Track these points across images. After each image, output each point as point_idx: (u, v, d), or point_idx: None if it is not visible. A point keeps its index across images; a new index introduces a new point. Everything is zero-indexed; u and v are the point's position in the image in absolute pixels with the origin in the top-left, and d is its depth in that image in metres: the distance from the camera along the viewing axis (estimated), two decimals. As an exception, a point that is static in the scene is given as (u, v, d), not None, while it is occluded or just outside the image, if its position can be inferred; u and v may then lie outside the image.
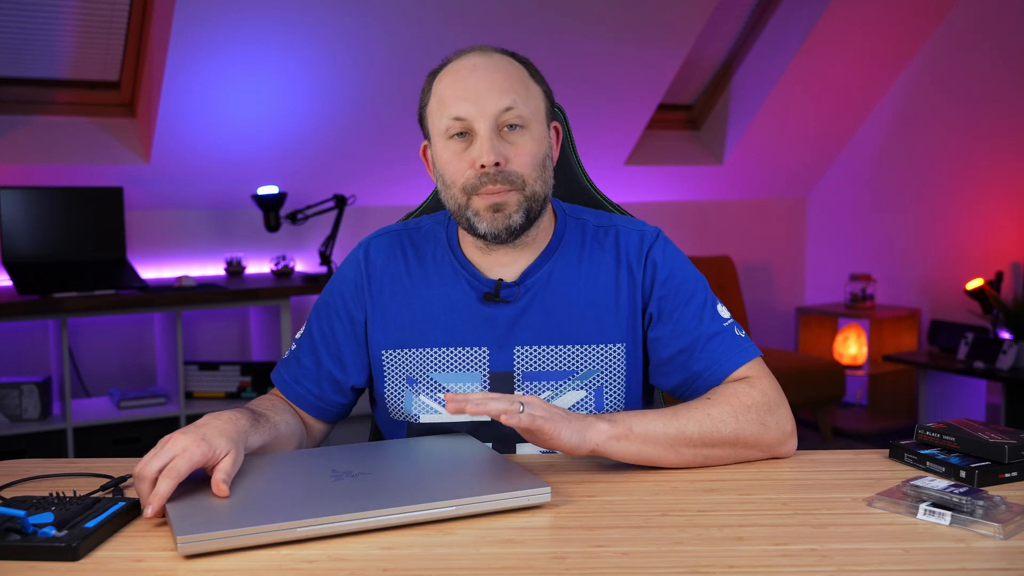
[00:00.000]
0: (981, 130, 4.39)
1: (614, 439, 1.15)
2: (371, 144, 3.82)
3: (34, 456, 3.11)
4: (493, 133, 1.24)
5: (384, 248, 1.38)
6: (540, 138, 1.28)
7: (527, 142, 1.26)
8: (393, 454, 1.22)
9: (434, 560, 0.92)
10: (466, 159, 1.25)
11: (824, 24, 4.18)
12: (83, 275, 3.29)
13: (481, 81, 1.25)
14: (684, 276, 1.33)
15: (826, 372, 4.20)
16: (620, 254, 1.34)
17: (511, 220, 1.25)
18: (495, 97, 1.24)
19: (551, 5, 3.60)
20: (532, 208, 1.27)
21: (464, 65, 1.27)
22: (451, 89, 1.26)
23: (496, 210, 1.25)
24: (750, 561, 0.91)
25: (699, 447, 1.19)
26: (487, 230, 1.26)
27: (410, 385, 1.33)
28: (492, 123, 1.24)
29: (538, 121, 1.28)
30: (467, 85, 1.25)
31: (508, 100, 1.24)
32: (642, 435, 1.16)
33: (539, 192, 1.27)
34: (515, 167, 1.25)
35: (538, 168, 1.27)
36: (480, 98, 1.24)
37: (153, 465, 1.03)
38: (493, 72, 1.26)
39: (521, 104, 1.25)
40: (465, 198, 1.26)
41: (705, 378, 1.29)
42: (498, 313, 1.31)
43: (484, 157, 1.23)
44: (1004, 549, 0.94)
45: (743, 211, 5.04)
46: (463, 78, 1.26)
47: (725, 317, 1.32)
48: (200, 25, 3.15)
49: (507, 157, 1.24)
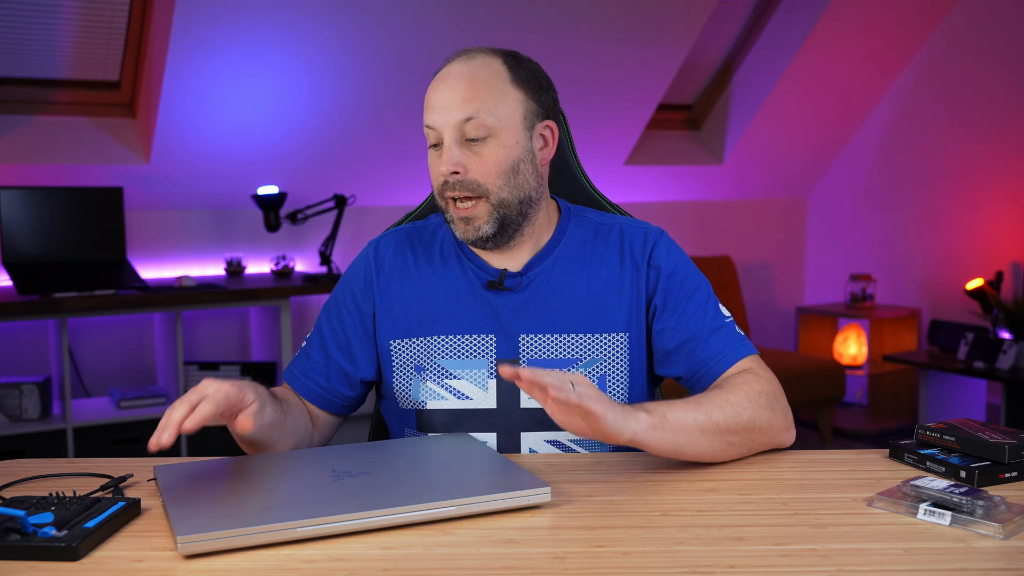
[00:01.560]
0: (981, 130, 4.39)
1: (651, 428, 1.14)
2: (371, 144, 3.82)
3: (34, 456, 3.11)
4: (455, 143, 1.28)
5: (393, 244, 1.42)
6: (511, 144, 1.29)
7: (492, 150, 1.28)
8: (393, 454, 1.22)
9: (434, 560, 0.92)
10: (437, 166, 1.31)
11: (824, 24, 4.18)
12: (83, 275, 3.29)
13: (447, 91, 1.29)
14: (688, 271, 1.37)
15: (826, 372, 4.20)
16: (624, 250, 1.38)
17: (480, 231, 1.30)
18: (456, 108, 1.28)
19: (551, 5, 3.60)
20: (505, 215, 1.30)
21: (441, 75, 1.32)
22: (428, 97, 1.32)
23: (466, 223, 1.30)
24: (750, 561, 0.91)
25: (724, 434, 1.20)
26: (461, 236, 1.32)
27: (418, 373, 1.36)
28: (454, 133, 1.28)
29: (510, 127, 1.29)
30: (436, 95, 1.30)
31: (470, 110, 1.27)
32: (675, 424, 1.16)
33: (508, 198, 1.30)
34: (475, 175, 1.28)
35: (505, 175, 1.29)
36: (444, 108, 1.28)
37: (191, 396, 1.09)
38: (461, 82, 1.29)
39: (486, 113, 1.27)
40: (443, 203, 1.32)
41: (710, 367, 1.31)
42: (503, 302, 1.35)
43: (443, 166, 1.29)
44: (1004, 549, 0.94)
45: (743, 211, 5.04)
46: (436, 88, 1.31)
47: (726, 315, 1.36)
48: (200, 25, 3.15)
49: (468, 167, 1.28)
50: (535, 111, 1.32)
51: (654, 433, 1.14)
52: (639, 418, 1.13)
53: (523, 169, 1.30)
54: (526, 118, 1.31)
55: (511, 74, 1.31)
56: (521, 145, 1.30)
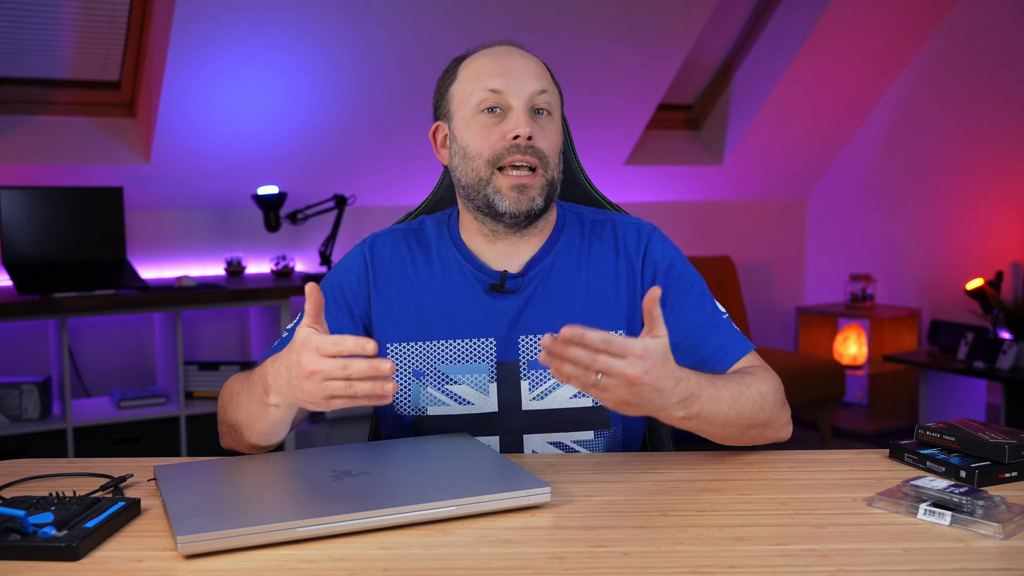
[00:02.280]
0: (981, 130, 4.39)
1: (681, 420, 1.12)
2: (371, 144, 3.82)
3: (34, 456, 3.11)
4: (527, 109, 1.31)
5: (389, 244, 1.40)
6: (560, 129, 1.36)
7: (553, 128, 1.33)
8: (393, 454, 1.22)
9: (434, 560, 0.92)
10: (496, 132, 1.30)
11: (824, 24, 4.18)
12: (83, 275, 3.29)
13: (518, 62, 1.33)
14: (683, 267, 1.38)
15: (826, 372, 4.20)
16: (618, 245, 1.38)
17: (534, 203, 1.31)
18: (532, 78, 1.31)
19: (551, 5, 3.60)
20: (551, 194, 1.33)
21: (500, 49, 1.35)
22: (488, 66, 1.33)
23: (520, 191, 1.29)
24: (750, 561, 0.91)
25: (743, 428, 1.20)
26: (508, 208, 1.30)
27: (416, 378, 1.35)
28: (527, 101, 1.31)
29: (558, 113, 1.36)
30: (505, 64, 1.32)
31: (543, 84, 1.32)
32: (709, 417, 1.15)
33: (556, 178, 1.34)
34: (543, 146, 1.31)
35: (558, 155, 1.34)
36: (518, 76, 1.31)
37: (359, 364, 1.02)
38: (526, 59, 1.34)
39: (551, 92, 1.34)
40: (489, 172, 1.30)
41: (713, 364, 1.31)
42: (503, 304, 1.35)
43: (520, 128, 1.28)
44: (1004, 549, 0.94)
45: (743, 211, 5.04)
46: (501, 58, 1.33)
47: (723, 311, 1.37)
48: (200, 25, 3.15)
49: (537, 135, 1.30)
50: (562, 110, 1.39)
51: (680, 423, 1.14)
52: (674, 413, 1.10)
53: (562, 158, 1.36)
54: (562, 110, 1.39)
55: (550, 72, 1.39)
56: (562, 133, 1.37)
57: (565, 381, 1.02)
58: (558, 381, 1.32)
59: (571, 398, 1.33)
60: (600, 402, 1.06)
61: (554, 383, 1.33)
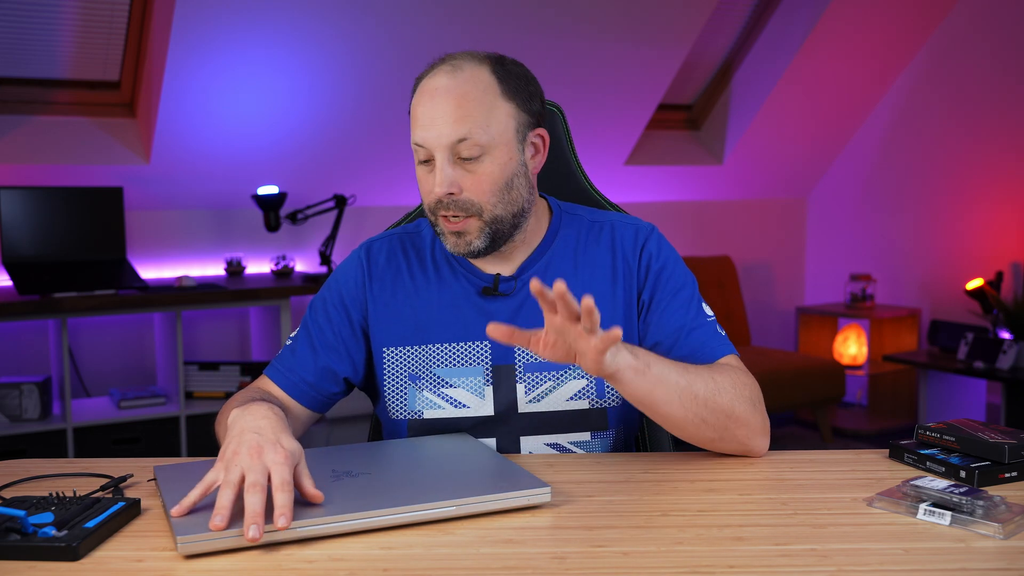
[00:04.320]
0: (981, 130, 4.39)
1: (632, 370, 1.14)
2: (371, 144, 3.82)
3: (34, 456, 3.11)
4: (447, 163, 1.25)
5: (385, 248, 1.40)
6: (504, 161, 1.27)
7: (485, 169, 1.26)
8: (393, 454, 1.22)
9: (434, 560, 0.92)
10: (429, 182, 1.29)
11: (824, 24, 4.18)
12: (83, 275, 3.29)
13: (438, 107, 1.25)
14: (676, 269, 1.37)
15: (826, 372, 4.20)
16: (616, 247, 1.37)
17: (471, 246, 1.29)
18: (449, 128, 1.24)
19: (551, 5, 3.60)
20: (497, 231, 1.29)
21: (429, 87, 1.27)
22: (417, 111, 1.28)
23: (457, 236, 1.28)
24: (750, 561, 0.91)
25: (701, 407, 1.19)
26: (451, 250, 1.31)
27: (412, 382, 1.35)
28: (447, 153, 1.25)
29: (503, 143, 1.26)
30: (427, 110, 1.26)
31: (463, 130, 1.24)
32: (657, 376, 1.16)
33: (503, 214, 1.28)
34: (470, 195, 1.26)
35: (499, 192, 1.27)
36: (435, 126, 1.25)
37: (255, 479, 0.98)
38: (451, 98, 1.24)
39: (479, 131, 1.24)
40: (433, 217, 1.30)
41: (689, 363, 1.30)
42: (498, 307, 1.34)
43: (437, 187, 1.26)
44: (1004, 549, 0.94)
45: (743, 211, 5.04)
46: (425, 102, 1.26)
47: (709, 315, 1.36)
48: (200, 25, 3.15)
49: (462, 186, 1.26)
50: (526, 122, 1.29)
51: (633, 376, 1.14)
52: (623, 356, 1.13)
53: (516, 183, 1.29)
54: (518, 131, 1.28)
55: (501, 86, 1.27)
56: (514, 160, 1.28)
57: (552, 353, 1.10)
58: (554, 383, 1.32)
59: (568, 400, 1.33)
60: None
61: (551, 385, 1.32)
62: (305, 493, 1.01)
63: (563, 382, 1.33)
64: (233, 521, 0.95)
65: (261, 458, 1.00)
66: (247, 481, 0.98)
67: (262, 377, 1.39)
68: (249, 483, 0.97)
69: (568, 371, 1.33)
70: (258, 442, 1.02)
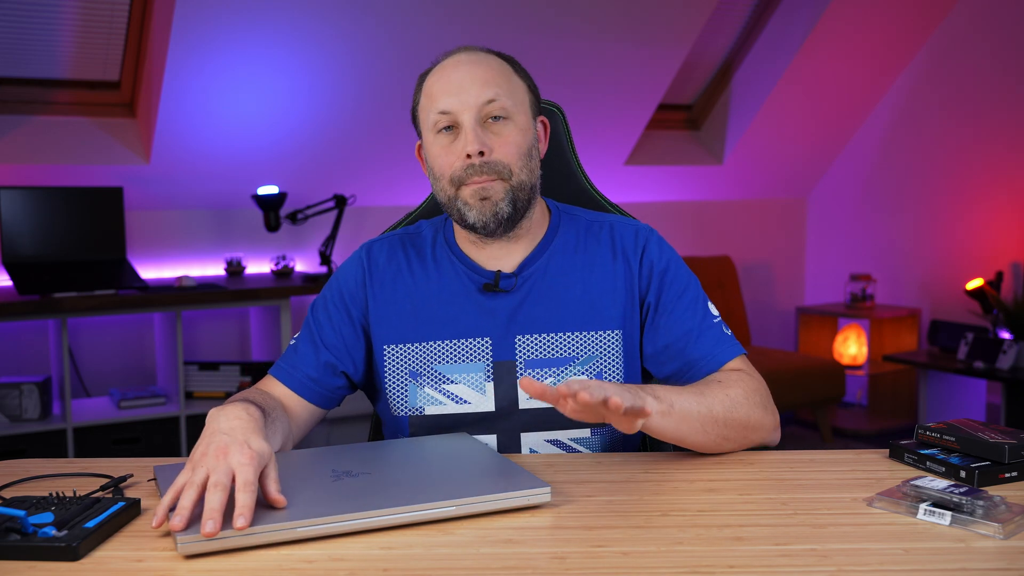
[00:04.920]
0: (981, 130, 4.39)
1: (660, 415, 1.15)
2: (371, 144, 3.82)
3: (34, 456, 3.11)
4: (477, 124, 1.29)
5: (386, 248, 1.42)
6: (525, 128, 1.33)
7: (511, 132, 1.30)
8: (393, 454, 1.22)
9: (434, 560, 0.92)
10: (453, 151, 1.30)
11: (824, 24, 4.18)
12: (83, 275, 3.29)
13: (465, 75, 1.30)
14: (679, 270, 1.38)
15: (826, 372, 4.20)
16: (616, 247, 1.38)
17: (498, 208, 1.30)
18: (477, 89, 1.29)
19: (551, 5, 3.60)
20: (519, 197, 1.31)
21: (449, 63, 1.33)
22: (437, 85, 1.32)
23: (483, 198, 1.29)
24: (750, 561, 0.91)
25: (721, 427, 1.21)
26: (476, 219, 1.31)
27: (413, 379, 1.35)
28: (476, 114, 1.29)
29: (523, 112, 1.33)
30: (452, 80, 1.31)
31: (491, 92, 1.29)
32: (681, 412, 1.18)
33: (525, 181, 1.32)
34: (500, 156, 1.29)
35: (523, 157, 1.31)
36: (463, 91, 1.29)
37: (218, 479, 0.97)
38: (475, 67, 1.31)
39: (504, 96, 1.30)
40: (454, 189, 1.31)
41: (700, 367, 1.32)
42: (498, 304, 1.35)
43: (469, 146, 1.28)
44: (1004, 549, 0.94)
45: (743, 211, 5.04)
46: (448, 74, 1.31)
47: (715, 315, 1.37)
48: (200, 25, 3.15)
49: (491, 147, 1.29)
50: (535, 103, 1.37)
51: (661, 420, 1.16)
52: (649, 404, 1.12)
53: (534, 155, 1.34)
54: (532, 107, 1.36)
55: (513, 67, 1.36)
56: (531, 130, 1.34)
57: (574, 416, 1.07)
58: (555, 379, 1.33)
59: None
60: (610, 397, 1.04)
61: (551, 382, 1.33)
62: (268, 496, 1.01)
63: (563, 378, 1.33)
64: (224, 521, 0.95)
65: (226, 459, 1.00)
66: (209, 481, 0.97)
67: (267, 377, 1.40)
68: (211, 483, 0.97)
69: (569, 368, 1.34)
70: (225, 443, 1.02)
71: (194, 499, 0.97)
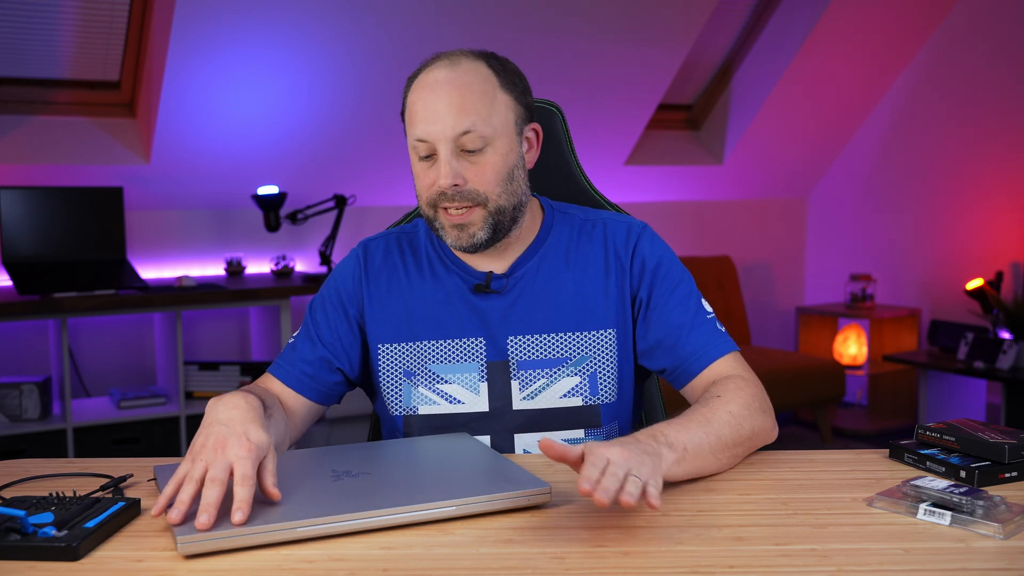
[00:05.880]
0: (981, 130, 4.39)
1: (675, 464, 1.10)
2: (371, 144, 3.82)
3: (34, 456, 3.11)
4: (452, 155, 1.26)
5: (382, 247, 1.42)
6: (506, 152, 1.28)
7: (489, 159, 1.27)
8: (393, 454, 1.22)
9: (434, 560, 0.92)
10: (430, 177, 1.28)
11: (824, 24, 4.18)
12: (83, 275, 3.29)
13: (441, 101, 1.25)
14: (672, 266, 1.37)
15: (826, 372, 4.20)
16: (608, 245, 1.37)
17: (475, 238, 1.29)
18: (453, 119, 1.24)
19: (551, 5, 3.60)
20: (499, 221, 1.29)
21: (429, 81, 1.28)
22: (415, 108, 1.28)
23: (460, 229, 1.28)
24: (750, 561, 0.91)
25: (731, 448, 1.18)
26: (453, 244, 1.31)
27: (407, 378, 1.36)
28: (451, 145, 1.25)
29: (505, 134, 1.28)
30: (428, 105, 1.26)
31: (467, 122, 1.25)
32: (695, 452, 1.13)
33: (505, 205, 1.29)
34: (475, 185, 1.27)
35: (503, 183, 1.28)
36: (439, 120, 1.25)
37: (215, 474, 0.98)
38: (453, 90, 1.25)
39: (481, 123, 1.25)
40: (432, 211, 1.30)
41: (691, 363, 1.31)
42: (490, 304, 1.35)
43: (442, 180, 1.25)
44: (1004, 549, 0.94)
45: (743, 211, 5.04)
46: (426, 97, 1.27)
47: (708, 311, 1.35)
48: (200, 25, 3.15)
49: (466, 177, 1.26)
50: (523, 115, 1.32)
51: (678, 467, 1.11)
52: (666, 458, 1.08)
53: (516, 175, 1.30)
54: (516, 123, 1.30)
55: (498, 78, 1.29)
56: (514, 152, 1.30)
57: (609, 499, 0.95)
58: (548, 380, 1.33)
59: (561, 397, 1.33)
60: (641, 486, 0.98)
61: (545, 383, 1.33)
62: (264, 490, 1.01)
63: (557, 379, 1.33)
64: (224, 520, 0.95)
65: (224, 452, 1.00)
66: (207, 476, 0.98)
67: (264, 375, 1.40)
68: (208, 478, 0.98)
69: (562, 368, 1.33)
70: (224, 435, 1.02)
71: (192, 493, 0.97)
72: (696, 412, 1.19)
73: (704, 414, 1.19)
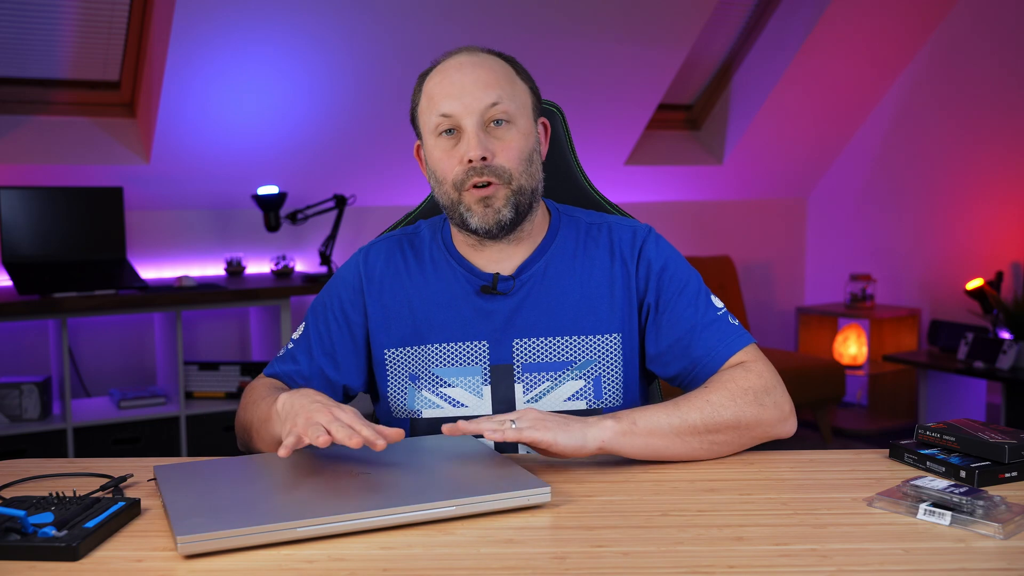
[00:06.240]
0: (981, 130, 4.39)
1: (620, 435, 1.16)
2: (371, 144, 3.82)
3: (34, 456, 3.11)
4: (479, 128, 1.27)
5: (384, 252, 1.41)
6: (527, 133, 1.31)
7: (513, 136, 1.29)
8: (393, 454, 1.22)
9: (434, 560, 0.92)
10: (455, 155, 1.29)
11: (824, 24, 4.18)
12: (83, 275, 3.29)
13: (467, 78, 1.28)
14: (677, 268, 1.36)
15: (826, 372, 4.20)
16: (614, 249, 1.37)
17: (500, 215, 1.29)
18: (480, 93, 1.27)
19: (551, 5, 3.60)
20: (520, 202, 1.30)
21: (451, 64, 1.31)
22: (439, 87, 1.30)
23: (485, 204, 1.28)
24: (750, 561, 0.91)
25: (703, 434, 1.20)
26: (478, 224, 1.30)
27: (412, 382, 1.35)
28: (478, 119, 1.27)
29: (524, 116, 1.31)
30: (453, 82, 1.29)
31: (493, 95, 1.27)
32: (647, 429, 1.17)
33: (526, 186, 1.30)
34: (501, 161, 1.28)
35: (524, 162, 1.30)
36: (466, 94, 1.27)
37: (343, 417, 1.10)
38: (478, 69, 1.29)
39: (507, 100, 1.28)
40: (456, 193, 1.30)
41: (705, 364, 1.31)
42: (496, 307, 1.34)
43: (471, 152, 1.26)
44: (1004, 549, 0.94)
45: (743, 211, 5.04)
46: (450, 76, 1.29)
47: (719, 307, 1.35)
48: (200, 25, 3.15)
49: (493, 152, 1.27)
50: (536, 105, 1.35)
51: (624, 439, 1.16)
52: (604, 426, 1.15)
53: (535, 159, 1.33)
54: (534, 109, 1.34)
55: (515, 69, 1.34)
56: (533, 135, 1.33)
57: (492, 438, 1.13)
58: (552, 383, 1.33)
59: (565, 401, 1.33)
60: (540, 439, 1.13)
61: (549, 386, 1.33)
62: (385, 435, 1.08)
63: (561, 382, 1.33)
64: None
65: (331, 412, 1.10)
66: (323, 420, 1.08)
67: (260, 377, 1.39)
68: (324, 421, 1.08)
69: (566, 372, 1.33)
70: (323, 404, 1.12)
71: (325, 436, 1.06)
72: (668, 401, 1.23)
73: (677, 399, 1.22)
